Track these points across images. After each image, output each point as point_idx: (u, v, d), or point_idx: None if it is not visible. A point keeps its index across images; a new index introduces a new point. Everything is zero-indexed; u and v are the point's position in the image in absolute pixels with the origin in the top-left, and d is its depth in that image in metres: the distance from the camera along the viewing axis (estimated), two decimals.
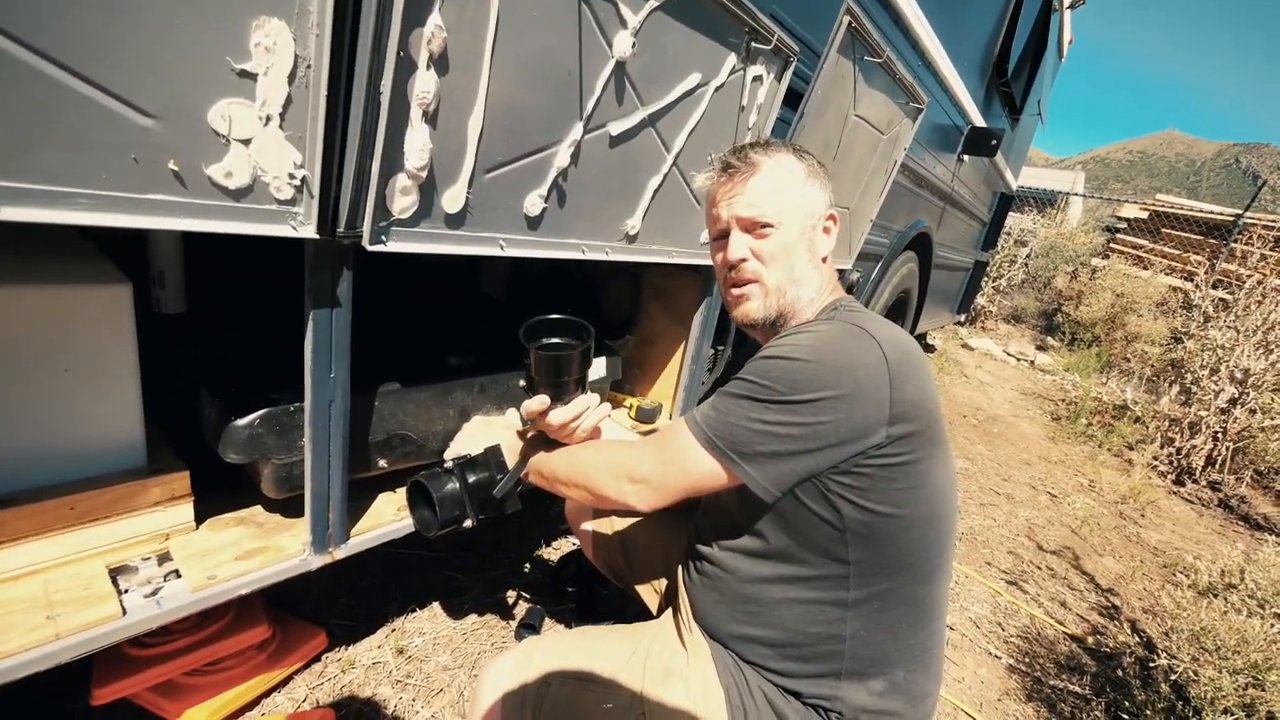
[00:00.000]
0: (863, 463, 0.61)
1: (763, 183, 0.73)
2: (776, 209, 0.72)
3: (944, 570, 0.70)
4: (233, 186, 0.56)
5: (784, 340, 0.66)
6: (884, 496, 0.62)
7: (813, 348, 0.62)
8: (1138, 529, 2.49)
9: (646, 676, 0.71)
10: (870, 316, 0.69)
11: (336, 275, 0.69)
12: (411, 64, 0.62)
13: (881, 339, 0.63)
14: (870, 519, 0.63)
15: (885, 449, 0.61)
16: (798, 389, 0.60)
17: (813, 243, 0.74)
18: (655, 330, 1.49)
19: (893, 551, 0.64)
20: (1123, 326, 5.81)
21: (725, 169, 0.74)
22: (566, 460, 0.77)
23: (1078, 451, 3.35)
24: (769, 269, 0.73)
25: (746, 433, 0.63)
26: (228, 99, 0.53)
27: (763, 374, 0.63)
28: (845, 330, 0.64)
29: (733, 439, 0.63)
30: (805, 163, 0.74)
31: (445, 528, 0.81)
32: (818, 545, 0.65)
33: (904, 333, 0.67)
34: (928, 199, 2.55)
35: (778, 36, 1.04)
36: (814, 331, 0.65)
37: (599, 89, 0.83)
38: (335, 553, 0.83)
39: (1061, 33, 3.80)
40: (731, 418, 0.64)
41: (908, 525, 0.64)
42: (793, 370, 0.61)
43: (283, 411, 0.78)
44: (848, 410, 0.60)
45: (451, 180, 0.73)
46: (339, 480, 0.78)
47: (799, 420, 0.60)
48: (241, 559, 0.76)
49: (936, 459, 0.65)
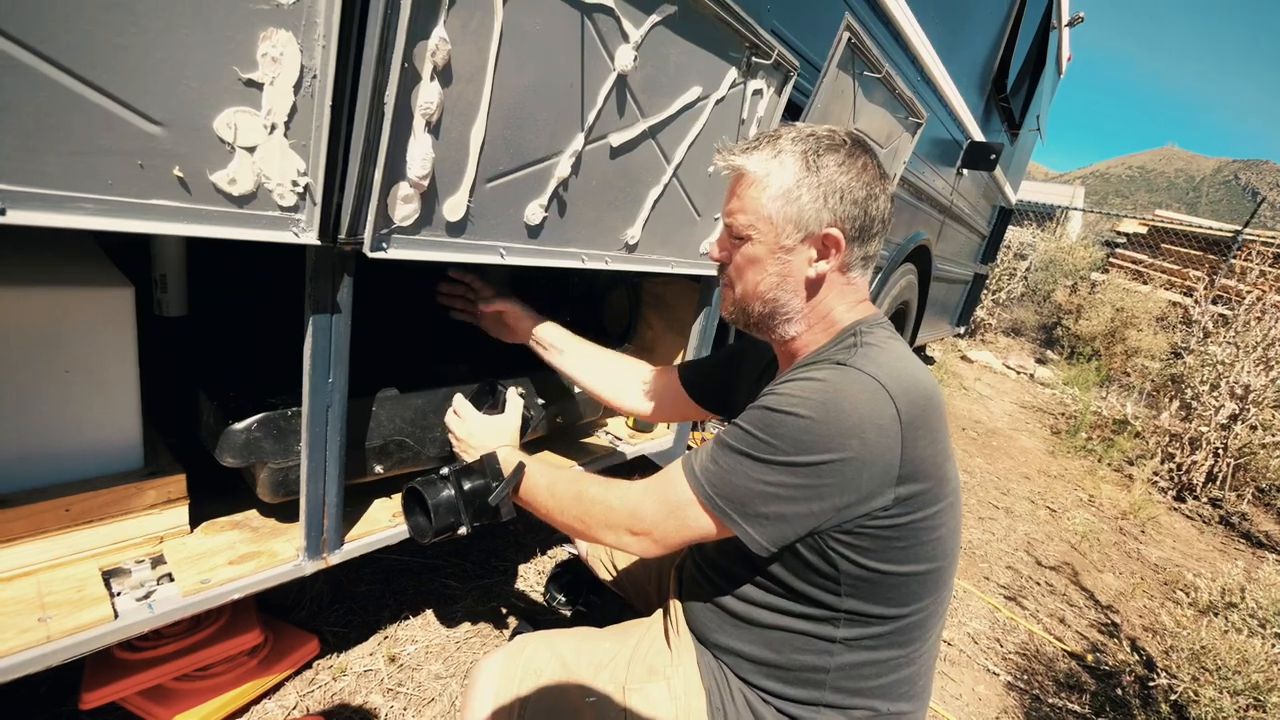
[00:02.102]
0: (865, 524, 0.59)
1: (741, 189, 0.68)
2: (745, 220, 0.67)
3: (939, 614, 0.68)
4: (236, 193, 0.57)
5: (790, 389, 0.61)
6: (884, 555, 0.60)
7: (819, 403, 0.58)
8: (1138, 545, 2.48)
9: (630, 674, 0.71)
10: (888, 352, 0.63)
11: (337, 281, 0.69)
12: (416, 75, 0.63)
13: (895, 391, 0.58)
14: (867, 575, 0.61)
15: (890, 510, 0.58)
16: (802, 450, 0.57)
17: (788, 264, 0.67)
18: (653, 340, 1.49)
19: (887, 601, 0.63)
20: (1122, 341, 5.81)
21: (720, 166, 0.71)
22: (559, 501, 0.74)
23: (1077, 466, 3.34)
24: (736, 279, 0.71)
25: (747, 492, 0.60)
26: (234, 107, 0.54)
27: (766, 429, 0.59)
28: (858, 381, 0.59)
29: (732, 497, 0.61)
30: (808, 169, 0.64)
31: (440, 535, 0.81)
32: (810, 590, 0.64)
33: (923, 373, 0.62)
34: (927, 212, 2.57)
35: (778, 51, 1.05)
36: (821, 382, 0.60)
37: (600, 101, 0.84)
38: (329, 558, 0.82)
39: (1060, 49, 3.85)
40: (733, 476, 0.61)
41: (905, 578, 0.62)
42: (798, 429, 0.57)
43: (280, 416, 0.78)
44: (854, 473, 0.56)
45: (453, 189, 0.73)
46: (335, 486, 0.78)
47: (802, 483, 0.57)
48: (235, 563, 0.76)
49: (942, 514, 0.62)
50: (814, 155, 0.65)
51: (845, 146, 0.67)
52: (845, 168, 0.65)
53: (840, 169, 0.65)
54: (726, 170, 0.70)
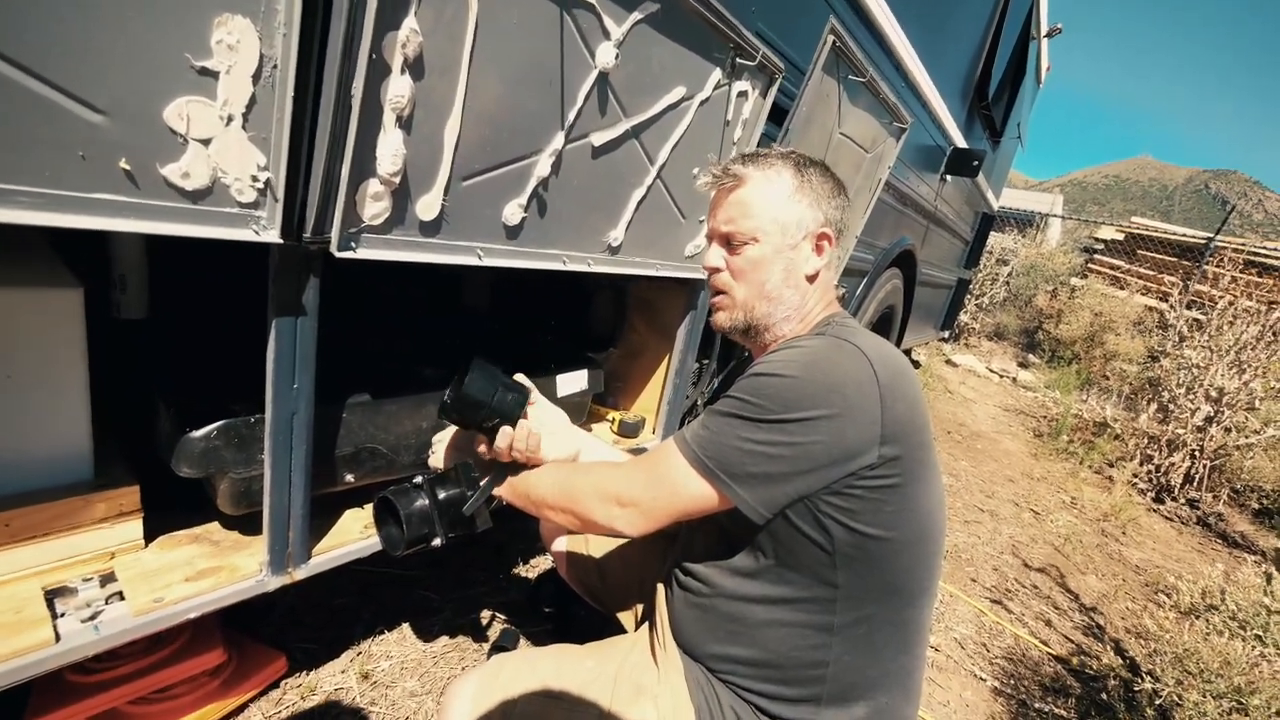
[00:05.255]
0: (854, 484, 0.60)
1: (743, 196, 0.72)
2: (752, 225, 0.71)
3: (930, 593, 0.69)
4: (190, 188, 0.54)
5: (774, 357, 0.65)
6: (874, 519, 0.61)
7: (803, 364, 0.61)
8: (1119, 546, 2.51)
9: (616, 693, 0.69)
10: (861, 332, 0.68)
11: (302, 282, 0.66)
12: (385, 67, 0.61)
13: (873, 356, 0.62)
14: (860, 541, 0.62)
15: (877, 469, 0.60)
16: (789, 407, 0.60)
17: (792, 261, 0.72)
18: (639, 343, 1.47)
19: (880, 575, 0.63)
20: (1101, 345, 5.94)
21: (715, 179, 0.75)
22: (550, 483, 0.74)
23: (1059, 468, 3.38)
24: (738, 283, 0.74)
25: (737, 453, 0.61)
26: (186, 97, 0.51)
27: (753, 391, 0.62)
28: (836, 346, 0.64)
29: (723, 459, 0.62)
30: (801, 177, 0.72)
31: (412, 546, 0.78)
32: (806, 567, 0.64)
33: (895, 349, 0.67)
34: (912, 217, 2.59)
35: (762, 53, 1.05)
36: (804, 347, 0.64)
37: (581, 99, 0.83)
38: (294, 573, 0.79)
39: (1040, 60, 3.94)
40: (722, 437, 0.63)
41: (897, 548, 0.63)
42: (783, 388, 0.60)
43: (242, 423, 0.74)
44: (840, 429, 0.59)
45: (426, 187, 0.71)
46: (300, 496, 0.75)
47: (790, 440, 0.59)
48: (192, 580, 0.72)
49: (926, 480, 0.64)
50: (802, 167, 0.73)
51: (820, 164, 0.76)
52: (825, 178, 0.75)
53: (823, 179, 0.74)
54: (727, 180, 0.74)
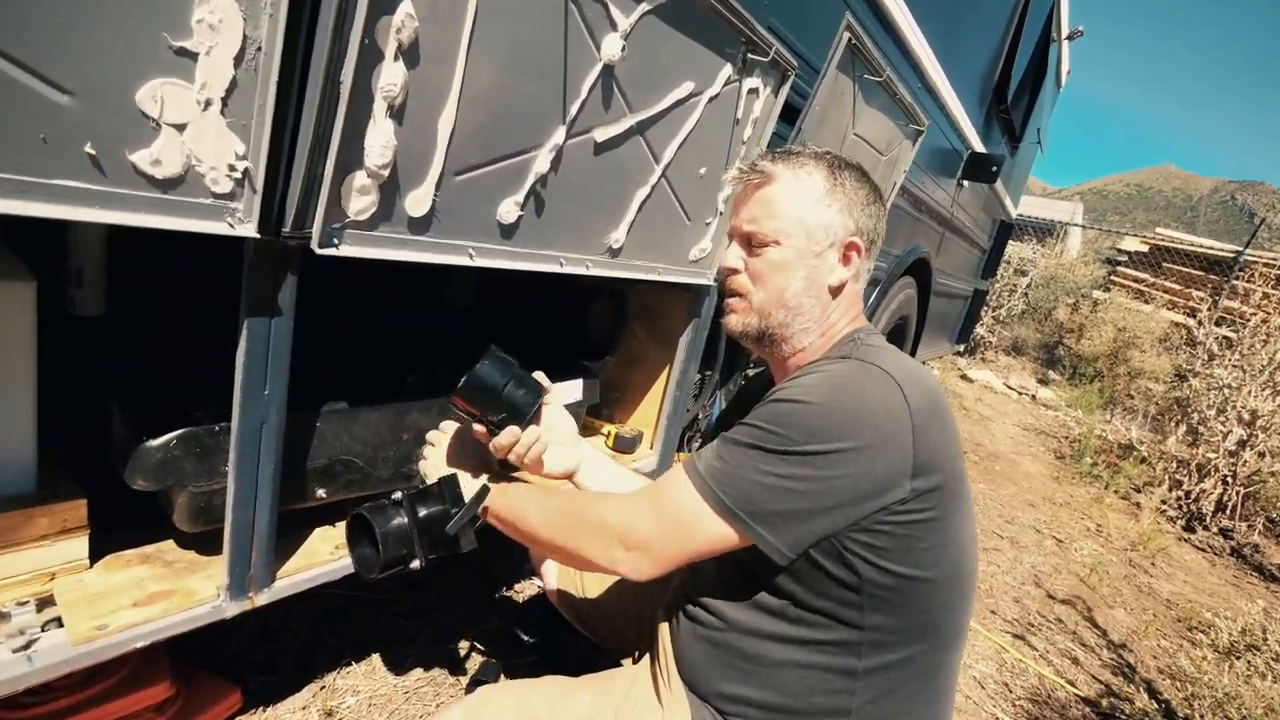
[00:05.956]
0: (884, 519, 0.59)
1: (769, 195, 0.72)
2: (775, 226, 0.71)
3: (963, 636, 0.67)
4: (161, 176, 0.53)
5: (796, 382, 0.63)
6: (906, 557, 0.60)
7: (828, 390, 0.60)
8: (1149, 578, 2.51)
9: None
10: (888, 351, 0.67)
11: (279, 280, 0.66)
12: (377, 53, 0.61)
13: (903, 380, 0.60)
14: (891, 581, 0.60)
15: (909, 504, 0.59)
16: (812, 437, 0.58)
17: (815, 269, 0.71)
18: (638, 352, 1.47)
19: (912, 617, 0.62)
20: (1125, 362, 6.01)
21: (742, 174, 0.75)
22: (543, 513, 0.71)
23: (1083, 493, 3.39)
24: (756, 287, 0.73)
25: (758, 488, 0.59)
26: (161, 79, 0.51)
27: (773, 420, 0.60)
28: (863, 371, 0.62)
29: (743, 495, 0.60)
30: (834, 180, 0.71)
31: (389, 568, 0.76)
32: (830, 606, 0.62)
33: (926, 371, 0.65)
34: (927, 224, 2.62)
35: (775, 49, 1.06)
36: (827, 371, 0.63)
37: (584, 92, 0.83)
38: (256, 598, 0.77)
39: (1060, 63, 4.03)
40: (741, 470, 0.60)
41: (931, 588, 0.62)
42: (807, 416, 0.59)
43: (205, 432, 0.73)
44: (868, 461, 0.57)
45: (417, 181, 0.71)
46: (266, 512, 0.73)
47: (816, 474, 0.58)
48: (141, 605, 0.70)
49: (961, 513, 0.63)
50: (837, 170, 0.73)
51: (858, 168, 0.75)
52: (861, 183, 0.74)
53: (858, 185, 0.73)
54: (754, 176, 0.73)
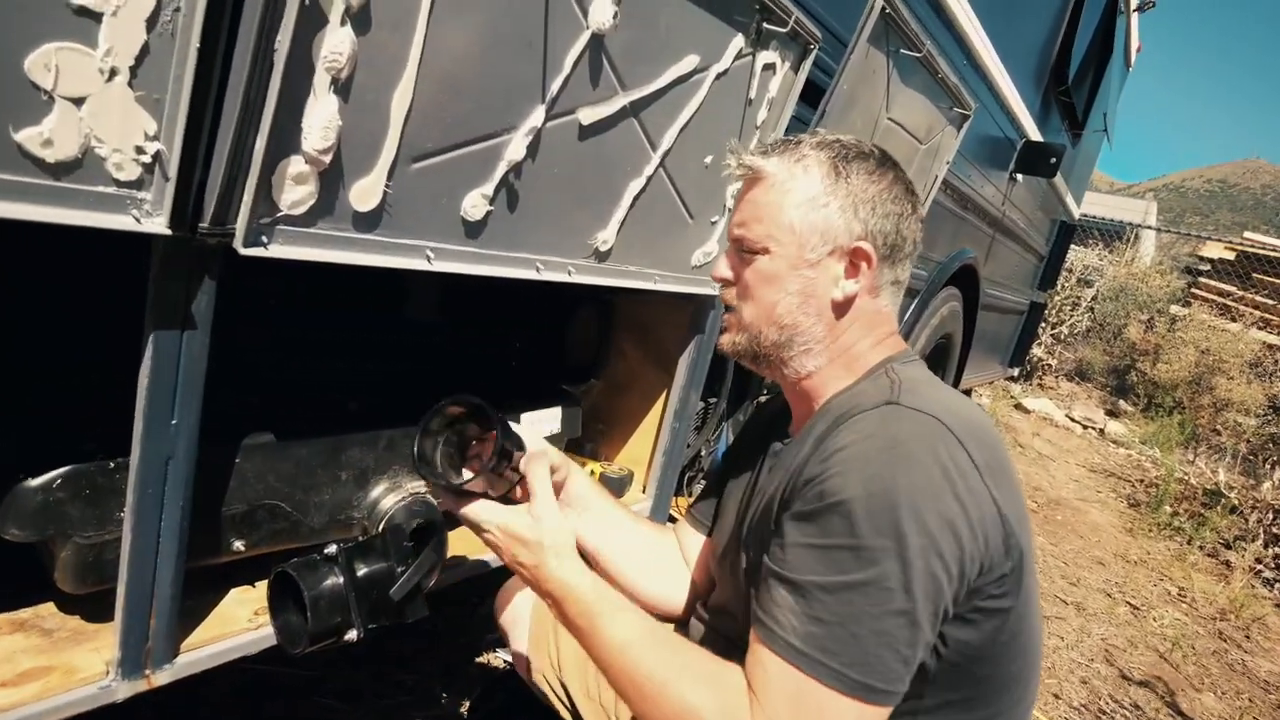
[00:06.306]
0: (971, 602, 0.61)
1: (757, 195, 0.73)
2: (762, 231, 0.71)
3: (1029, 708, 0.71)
4: (52, 159, 0.53)
5: (843, 467, 0.60)
6: (993, 647, 0.64)
7: (891, 471, 0.58)
8: (1242, 654, 2.51)
9: None
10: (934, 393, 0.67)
11: (193, 286, 0.65)
12: (320, 16, 0.61)
13: (963, 435, 0.61)
14: (964, 659, 0.63)
15: (990, 583, 0.61)
16: (899, 533, 0.56)
17: (811, 282, 0.71)
18: (629, 374, 1.47)
19: (976, 688, 0.65)
20: (1210, 390, 6.09)
21: (730, 169, 0.76)
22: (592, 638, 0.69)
23: (1162, 549, 3.41)
24: (742, 301, 0.74)
25: (884, 639, 0.56)
26: (56, 43, 0.51)
27: (850, 534, 0.58)
28: (920, 431, 0.61)
29: (877, 661, 0.56)
30: (836, 175, 0.71)
31: (319, 640, 0.74)
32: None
33: (980, 413, 0.67)
34: (974, 224, 2.67)
35: (795, 18, 1.08)
36: (875, 437, 0.62)
37: (568, 66, 0.84)
38: (154, 676, 0.75)
39: (1129, 38, 4.15)
40: (852, 627, 0.56)
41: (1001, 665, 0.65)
42: (886, 514, 0.57)
43: (97, 469, 0.72)
44: (955, 545, 0.58)
45: (365, 169, 0.71)
46: (170, 569, 0.72)
47: (920, 587, 0.56)
48: (11, 685, 0.68)
49: (1033, 588, 0.66)
50: (842, 161, 0.71)
51: (874, 156, 0.74)
52: (876, 178, 0.72)
53: (870, 178, 0.72)
54: (741, 172, 0.74)
